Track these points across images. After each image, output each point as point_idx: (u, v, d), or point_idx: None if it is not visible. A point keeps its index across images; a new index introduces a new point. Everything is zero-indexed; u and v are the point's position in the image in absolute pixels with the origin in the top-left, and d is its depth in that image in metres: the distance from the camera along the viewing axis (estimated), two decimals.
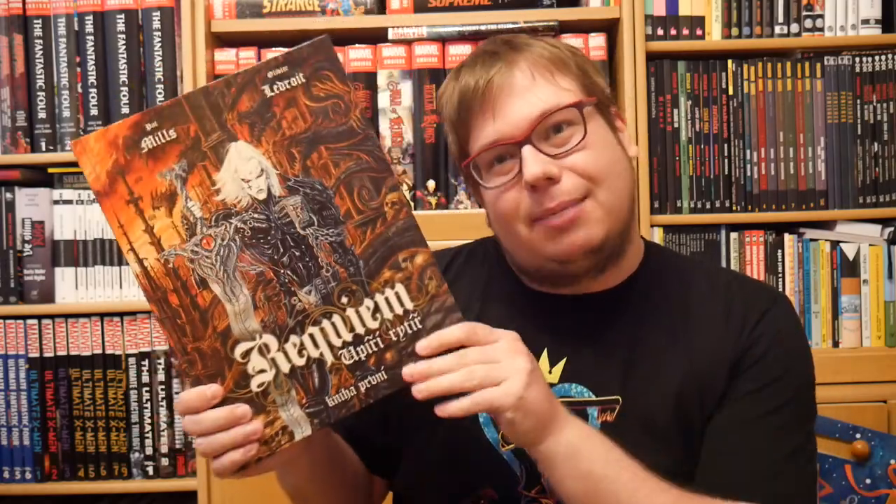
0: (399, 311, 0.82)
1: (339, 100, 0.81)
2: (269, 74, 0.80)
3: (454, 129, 0.99)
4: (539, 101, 0.92)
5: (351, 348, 0.82)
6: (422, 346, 0.82)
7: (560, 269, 0.96)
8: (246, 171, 0.80)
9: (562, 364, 0.98)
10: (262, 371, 0.82)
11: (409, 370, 0.81)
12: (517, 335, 0.85)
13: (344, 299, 0.82)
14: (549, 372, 0.98)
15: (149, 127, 0.79)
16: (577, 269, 0.95)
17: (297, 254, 0.82)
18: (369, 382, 0.83)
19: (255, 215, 0.81)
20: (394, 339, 0.83)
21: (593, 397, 0.97)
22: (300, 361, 0.82)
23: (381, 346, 0.83)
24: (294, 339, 0.82)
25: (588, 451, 0.85)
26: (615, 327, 0.99)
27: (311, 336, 0.82)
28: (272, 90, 0.80)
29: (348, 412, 0.83)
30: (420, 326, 0.83)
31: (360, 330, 0.82)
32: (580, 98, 0.94)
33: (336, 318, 0.82)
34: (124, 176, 0.80)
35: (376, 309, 0.82)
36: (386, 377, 0.83)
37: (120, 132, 0.80)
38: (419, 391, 0.81)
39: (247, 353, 0.82)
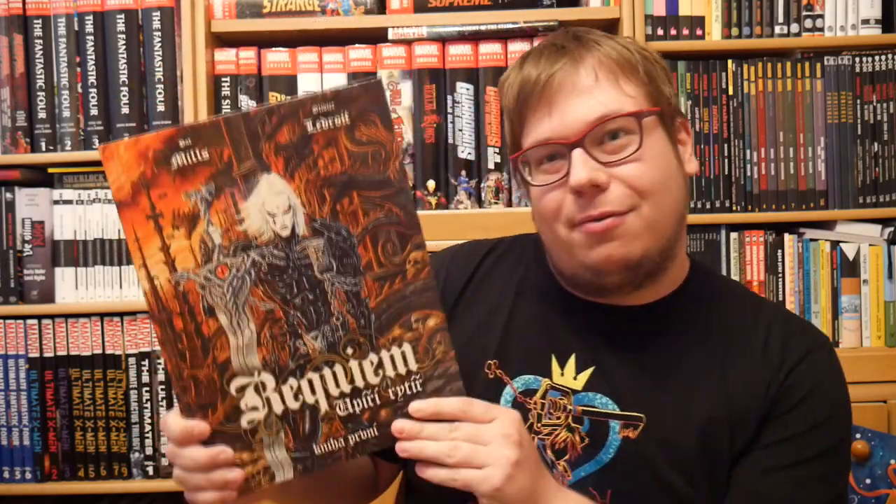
0: (402, 370, 0.81)
1: (381, 147, 0.78)
2: (315, 109, 0.77)
3: (510, 119, 0.97)
4: (599, 104, 0.90)
5: (347, 400, 0.81)
6: (416, 407, 0.81)
7: (594, 279, 0.93)
8: (274, 205, 0.78)
9: (589, 372, 0.96)
10: (254, 409, 0.80)
11: (399, 425, 0.80)
12: (517, 416, 0.82)
13: (349, 350, 0.81)
14: (575, 378, 0.96)
15: (182, 144, 0.76)
16: (610, 283, 0.93)
17: (311, 297, 0.80)
18: (359, 437, 0.81)
19: (275, 251, 0.79)
20: (392, 397, 0.81)
21: (617, 410, 0.94)
22: (294, 405, 0.81)
23: (378, 402, 0.81)
24: (292, 381, 0.80)
25: None
26: (649, 344, 0.96)
27: (310, 381, 0.81)
28: (314, 126, 0.77)
29: (334, 463, 0.82)
30: (420, 389, 0.81)
31: (359, 383, 0.81)
32: (642, 107, 0.91)
33: (338, 368, 0.81)
34: (149, 190, 0.77)
35: (380, 365, 0.81)
36: (377, 434, 0.82)
37: (152, 144, 0.76)
38: (403, 450, 0.80)
39: (242, 389, 0.80)
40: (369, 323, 0.80)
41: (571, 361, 0.97)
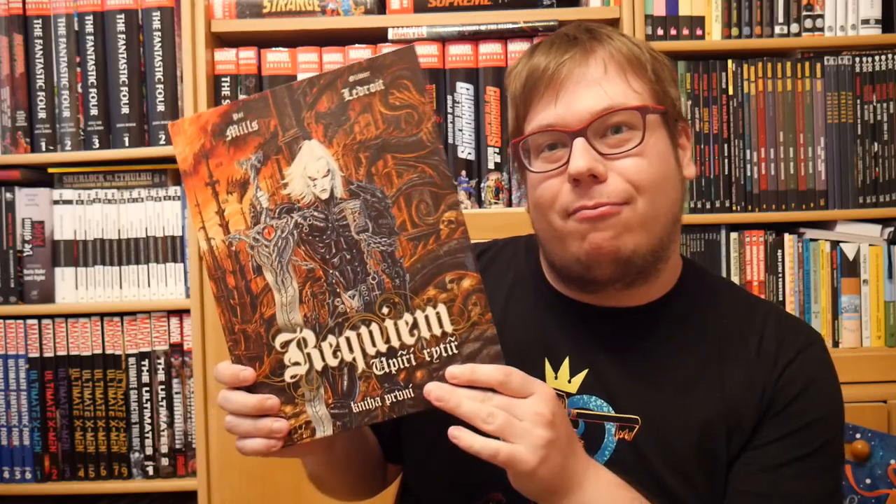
0: (437, 331, 0.82)
1: (413, 110, 0.82)
2: (351, 78, 0.82)
3: (515, 105, 0.97)
4: (605, 96, 0.90)
5: (383, 359, 0.83)
6: (453, 372, 0.81)
7: (585, 272, 0.93)
8: (314, 169, 0.83)
9: (583, 374, 0.96)
10: (296, 364, 0.84)
11: (432, 387, 0.81)
12: (552, 394, 0.82)
13: (385, 309, 0.83)
14: (570, 381, 0.96)
15: (235, 117, 0.83)
16: (600, 276, 0.92)
17: (348, 257, 0.83)
18: (395, 397, 0.83)
19: (316, 213, 0.83)
20: (427, 358, 0.83)
21: (612, 412, 0.94)
22: (333, 362, 0.84)
23: (414, 363, 0.83)
24: (331, 339, 0.84)
25: None
26: (643, 345, 0.96)
27: (348, 339, 0.84)
28: (351, 94, 0.82)
29: (371, 421, 0.84)
30: (456, 352, 0.82)
31: (395, 343, 0.83)
32: (648, 104, 0.92)
33: (374, 327, 0.83)
34: (208, 160, 0.84)
35: (415, 325, 0.83)
36: (413, 395, 0.83)
37: (211, 119, 0.84)
38: (438, 398, 0.80)
39: (286, 344, 0.84)
40: (404, 283, 0.83)
41: (565, 364, 0.97)
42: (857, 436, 1.64)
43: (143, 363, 1.77)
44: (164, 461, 1.77)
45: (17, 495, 1.77)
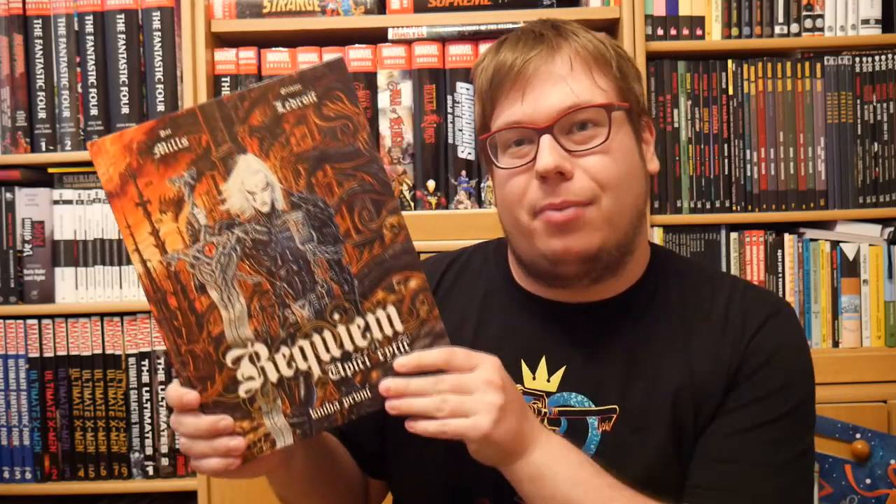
0: (389, 332, 0.84)
1: (348, 121, 0.82)
2: (283, 91, 0.81)
3: (482, 101, 0.97)
4: (571, 93, 0.91)
5: (338, 364, 0.84)
6: (400, 362, 0.83)
7: (551, 269, 0.94)
8: (252, 183, 0.82)
9: (561, 372, 0.97)
10: (250, 378, 0.84)
11: (386, 384, 0.83)
12: (498, 362, 0.85)
13: (336, 316, 0.84)
14: (548, 380, 0.97)
15: (163, 134, 0.81)
16: (567, 273, 0.94)
17: (295, 268, 0.83)
18: (353, 399, 0.84)
19: (258, 227, 0.83)
20: (381, 358, 0.84)
21: (593, 406, 0.95)
22: (288, 372, 0.84)
23: (369, 364, 0.84)
24: (284, 350, 0.84)
25: (553, 473, 0.85)
26: (616, 336, 0.97)
27: (301, 349, 0.84)
28: (284, 107, 0.82)
29: (330, 426, 0.85)
30: (408, 349, 0.84)
31: (348, 347, 0.84)
32: (613, 100, 0.93)
33: (327, 334, 0.84)
34: (136, 179, 0.82)
35: (367, 328, 0.84)
36: (370, 395, 0.84)
37: (135, 137, 0.81)
38: (392, 407, 0.83)
39: (238, 360, 0.83)
40: (353, 288, 0.83)
41: (542, 364, 0.98)
42: (857, 436, 1.64)
43: (143, 363, 1.77)
44: (164, 461, 1.77)
45: (17, 495, 1.77)
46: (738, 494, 0.91)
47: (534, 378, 0.97)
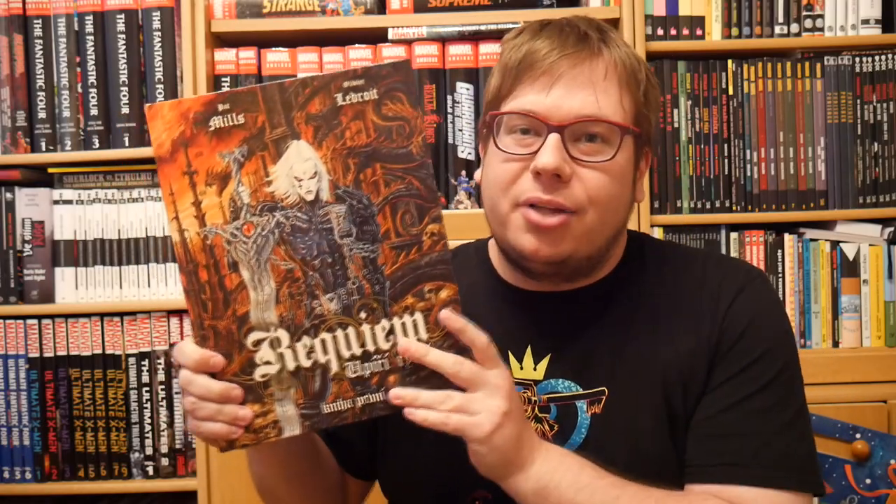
0: (413, 338, 0.84)
1: (405, 122, 0.83)
2: (345, 84, 0.82)
3: (503, 75, 0.96)
4: (596, 103, 0.91)
5: (358, 363, 0.84)
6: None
7: (520, 261, 0.95)
8: (301, 170, 0.82)
9: (546, 360, 0.98)
10: (268, 363, 0.84)
11: (397, 392, 0.83)
12: (508, 373, 0.86)
13: (363, 314, 0.84)
14: (535, 368, 0.98)
15: (220, 108, 0.81)
16: (533, 268, 0.95)
17: (329, 260, 0.83)
18: (367, 400, 0.85)
19: (299, 214, 0.83)
20: (400, 364, 0.84)
21: (580, 391, 0.96)
22: (306, 363, 0.84)
23: (387, 367, 0.84)
24: (306, 340, 0.84)
25: (556, 483, 0.85)
26: (598, 321, 0.98)
27: (323, 341, 0.84)
28: (344, 99, 0.82)
29: (340, 423, 0.85)
30: None
31: (370, 347, 0.84)
32: (630, 123, 0.93)
33: (350, 330, 0.84)
34: (187, 148, 0.82)
35: (391, 331, 0.84)
36: (384, 399, 0.84)
37: (193, 106, 0.82)
38: (396, 396, 0.83)
39: (258, 343, 0.84)
40: (384, 289, 0.84)
41: (528, 353, 0.99)
42: (857, 436, 1.64)
43: (143, 363, 1.77)
44: (164, 461, 1.77)
45: (17, 495, 1.77)
46: (739, 467, 0.91)
47: (521, 367, 0.99)
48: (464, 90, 1.76)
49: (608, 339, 0.98)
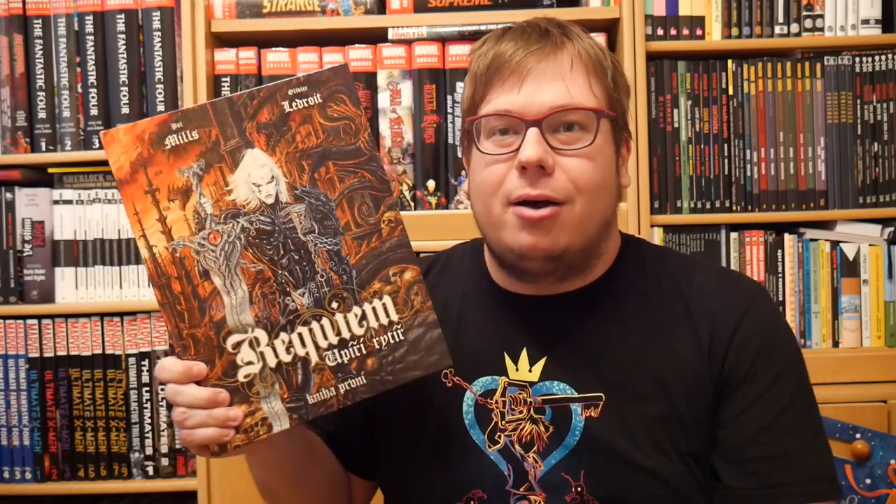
0: (384, 321, 0.88)
1: (350, 121, 0.88)
2: (290, 92, 0.87)
3: (474, 83, 0.98)
4: (567, 92, 0.93)
5: (335, 351, 0.88)
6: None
7: (517, 262, 0.96)
8: (258, 176, 0.87)
9: (542, 363, 0.99)
10: (249, 363, 0.87)
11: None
12: None
13: (334, 304, 0.88)
14: (530, 370, 0.99)
15: (174, 126, 0.86)
16: (531, 268, 0.96)
17: (296, 257, 0.87)
18: (349, 385, 0.88)
19: (262, 217, 0.87)
20: (376, 346, 0.89)
21: (575, 394, 0.97)
22: (287, 358, 0.87)
23: (364, 352, 0.88)
24: (284, 336, 0.88)
25: None
26: (593, 324, 0.99)
27: (300, 335, 0.88)
28: (291, 106, 0.87)
29: (326, 411, 0.88)
30: (402, 338, 0.89)
31: (346, 335, 0.88)
32: (604, 108, 0.94)
33: (325, 321, 0.88)
34: (146, 168, 0.86)
35: (363, 317, 0.88)
36: (365, 382, 0.88)
37: (147, 128, 0.86)
38: None
39: (238, 345, 0.87)
40: (351, 278, 0.88)
41: (524, 355, 0.99)
42: (857, 436, 1.64)
43: (143, 363, 1.77)
44: (164, 461, 1.77)
45: (17, 495, 1.77)
46: (784, 487, 0.93)
47: (517, 369, 0.99)
48: None
49: (603, 343, 0.98)
